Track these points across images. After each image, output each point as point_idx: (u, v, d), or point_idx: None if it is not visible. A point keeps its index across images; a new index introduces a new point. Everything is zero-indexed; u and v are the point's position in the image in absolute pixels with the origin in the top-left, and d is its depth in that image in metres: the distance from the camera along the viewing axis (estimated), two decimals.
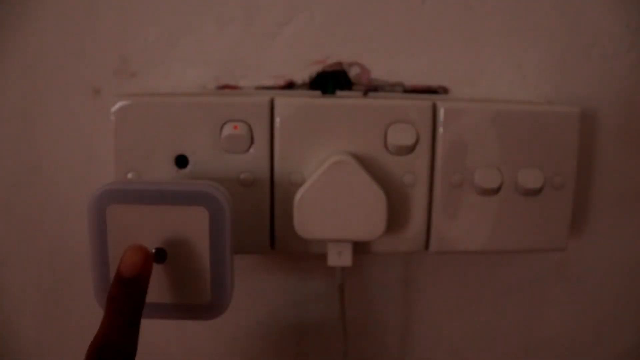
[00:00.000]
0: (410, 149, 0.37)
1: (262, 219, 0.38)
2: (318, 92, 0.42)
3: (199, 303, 0.33)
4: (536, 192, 0.38)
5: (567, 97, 0.43)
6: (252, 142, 0.37)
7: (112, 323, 0.29)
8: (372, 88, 0.42)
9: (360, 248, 0.39)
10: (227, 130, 0.36)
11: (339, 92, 0.42)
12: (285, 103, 0.37)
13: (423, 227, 0.39)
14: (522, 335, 0.48)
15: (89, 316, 0.45)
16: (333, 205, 0.35)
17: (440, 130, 0.37)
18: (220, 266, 0.33)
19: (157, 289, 0.33)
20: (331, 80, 0.42)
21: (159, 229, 0.32)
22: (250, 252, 0.39)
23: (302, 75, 0.42)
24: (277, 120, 0.37)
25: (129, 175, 0.37)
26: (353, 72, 0.42)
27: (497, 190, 0.38)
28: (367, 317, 0.47)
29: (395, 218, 0.38)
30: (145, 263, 0.30)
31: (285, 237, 0.38)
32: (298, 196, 0.35)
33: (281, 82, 0.42)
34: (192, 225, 0.32)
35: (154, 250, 0.32)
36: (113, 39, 0.41)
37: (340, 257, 0.37)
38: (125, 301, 0.29)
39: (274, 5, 0.41)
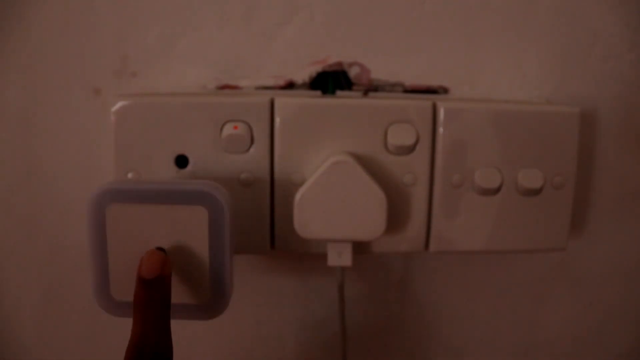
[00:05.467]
0: (410, 149, 0.37)
1: (262, 219, 0.38)
2: (318, 92, 0.42)
3: (198, 303, 0.33)
4: (536, 192, 0.38)
5: (567, 97, 0.43)
6: (252, 142, 0.37)
7: (145, 324, 0.30)
8: (372, 88, 0.42)
9: (360, 248, 0.39)
10: (227, 130, 0.36)
11: (339, 92, 0.42)
12: (285, 103, 0.37)
13: (423, 227, 0.39)
14: (522, 335, 0.48)
15: (89, 316, 0.45)
16: (333, 205, 0.35)
17: (440, 130, 0.37)
18: (220, 266, 0.33)
19: None
20: (331, 80, 0.42)
21: (158, 228, 0.32)
22: (250, 252, 0.39)
23: (302, 75, 0.42)
24: (277, 120, 0.37)
25: (129, 175, 0.37)
26: (353, 72, 0.42)
27: (497, 190, 0.38)
28: (367, 317, 0.47)
29: (395, 218, 0.38)
30: (164, 264, 0.31)
31: (285, 237, 0.38)
32: (298, 196, 0.35)
33: (281, 82, 0.42)
34: (192, 225, 0.32)
35: None
36: (113, 39, 0.41)
37: (340, 257, 0.37)
38: (152, 301, 0.30)
39: (274, 5, 0.41)
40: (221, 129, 0.37)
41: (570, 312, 0.47)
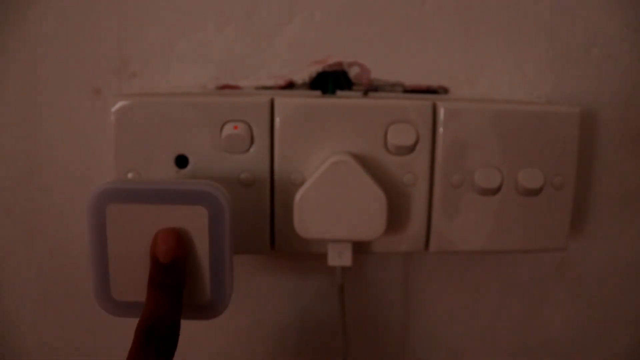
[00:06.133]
0: (410, 149, 0.37)
1: (262, 219, 0.38)
2: (318, 92, 0.42)
3: (198, 303, 0.33)
4: (536, 192, 0.38)
5: (567, 97, 0.43)
6: (252, 142, 0.37)
7: (156, 306, 0.30)
8: (372, 88, 0.42)
9: (360, 248, 0.39)
10: (227, 130, 0.36)
11: (339, 92, 0.42)
12: (285, 103, 0.37)
13: (423, 227, 0.39)
14: (522, 335, 0.48)
15: (88, 316, 0.45)
16: (333, 205, 0.35)
17: (440, 130, 0.37)
18: (220, 266, 0.33)
19: None
20: (331, 80, 0.42)
21: (158, 228, 0.32)
22: (250, 252, 0.39)
23: (302, 75, 0.42)
24: (277, 120, 0.37)
25: (129, 176, 0.37)
26: (353, 72, 0.42)
27: (497, 190, 0.38)
28: (367, 317, 0.47)
29: (395, 218, 0.38)
30: (179, 246, 0.31)
31: (285, 237, 0.38)
32: (298, 196, 0.35)
33: (281, 82, 0.42)
34: (192, 225, 0.32)
35: None
36: (113, 39, 0.41)
37: (340, 257, 0.37)
38: (166, 285, 0.31)
39: (274, 5, 0.41)
40: (221, 129, 0.37)
41: (570, 312, 0.47)
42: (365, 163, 0.37)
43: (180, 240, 0.32)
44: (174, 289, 0.31)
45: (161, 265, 0.31)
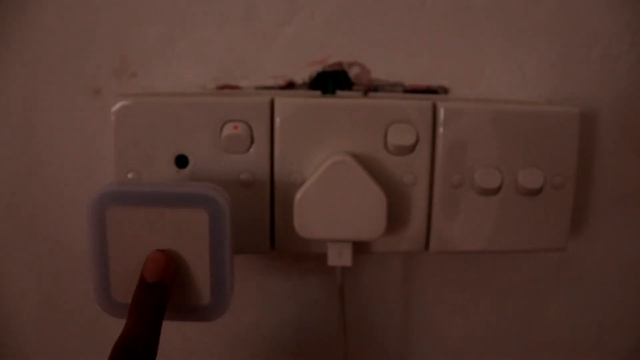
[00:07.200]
0: (410, 149, 0.37)
1: (262, 219, 0.38)
2: (318, 92, 0.42)
3: (199, 304, 0.33)
4: (536, 192, 0.38)
5: (567, 97, 0.43)
6: (252, 142, 0.37)
7: (135, 325, 0.30)
8: (372, 88, 0.42)
9: (360, 248, 0.39)
10: (227, 130, 0.36)
11: (339, 92, 0.42)
12: (285, 103, 0.37)
13: (423, 227, 0.39)
14: (522, 335, 0.48)
15: (88, 316, 0.45)
16: (333, 205, 0.35)
17: (440, 130, 0.37)
18: (220, 268, 0.33)
19: None
20: (331, 80, 0.42)
21: (159, 231, 0.32)
22: (250, 252, 0.39)
23: (302, 75, 0.42)
24: (277, 120, 0.37)
25: (129, 176, 0.37)
26: (353, 72, 0.42)
27: (497, 190, 0.38)
28: (367, 317, 0.47)
29: (395, 218, 0.38)
30: (166, 268, 0.32)
31: (285, 237, 0.38)
32: (298, 196, 0.35)
33: (281, 82, 0.42)
34: (192, 228, 0.32)
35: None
36: (113, 39, 0.41)
37: (340, 257, 0.37)
38: (148, 304, 0.31)
39: (274, 5, 0.41)
40: (221, 129, 0.37)
41: (570, 312, 0.47)
42: (365, 163, 0.37)
43: (169, 265, 0.32)
44: (155, 310, 0.31)
45: (146, 284, 0.31)
